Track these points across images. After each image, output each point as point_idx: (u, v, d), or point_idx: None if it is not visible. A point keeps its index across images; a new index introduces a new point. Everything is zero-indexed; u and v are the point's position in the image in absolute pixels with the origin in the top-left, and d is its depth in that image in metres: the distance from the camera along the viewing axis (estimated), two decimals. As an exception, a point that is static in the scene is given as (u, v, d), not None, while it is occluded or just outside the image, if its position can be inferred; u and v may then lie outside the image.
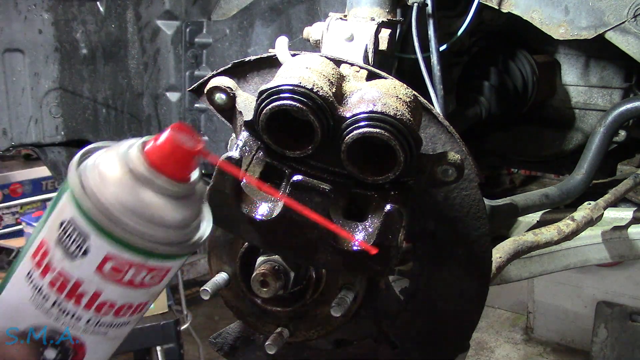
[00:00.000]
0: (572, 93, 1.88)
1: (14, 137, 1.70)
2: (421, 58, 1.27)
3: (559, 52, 1.86)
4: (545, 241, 1.29)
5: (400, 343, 1.00)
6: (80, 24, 1.71)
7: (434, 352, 1.00)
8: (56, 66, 1.71)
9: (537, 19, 1.39)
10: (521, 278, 1.59)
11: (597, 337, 3.78)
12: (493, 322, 4.30)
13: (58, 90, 1.73)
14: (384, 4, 1.24)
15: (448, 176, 0.84)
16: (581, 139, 1.88)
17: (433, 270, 0.97)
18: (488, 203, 1.35)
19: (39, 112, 1.72)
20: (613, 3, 1.33)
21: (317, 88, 0.79)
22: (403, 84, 0.86)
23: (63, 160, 1.80)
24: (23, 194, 3.71)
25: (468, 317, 0.99)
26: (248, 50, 1.74)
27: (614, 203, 1.47)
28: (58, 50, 1.70)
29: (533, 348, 4.12)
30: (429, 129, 0.93)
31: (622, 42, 1.33)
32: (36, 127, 1.72)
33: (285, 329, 0.96)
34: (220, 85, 0.92)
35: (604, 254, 1.55)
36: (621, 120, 1.55)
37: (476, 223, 0.94)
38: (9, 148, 1.72)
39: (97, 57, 1.75)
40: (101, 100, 1.79)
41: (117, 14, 1.74)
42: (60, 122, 1.75)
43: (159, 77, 1.82)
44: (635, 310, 3.71)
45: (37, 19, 1.66)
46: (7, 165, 3.79)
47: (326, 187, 0.79)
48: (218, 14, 1.80)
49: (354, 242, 0.78)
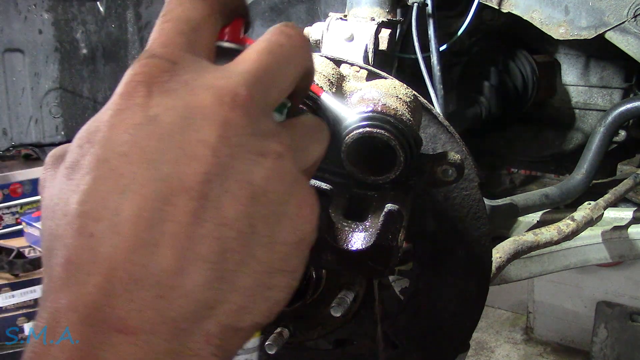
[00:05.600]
0: (572, 93, 1.88)
1: (14, 137, 1.70)
2: (421, 58, 1.27)
3: (559, 52, 1.86)
4: (545, 241, 1.28)
5: (400, 343, 1.00)
6: (80, 24, 1.71)
7: (434, 352, 1.00)
8: (56, 66, 1.71)
9: (537, 19, 1.39)
10: (521, 278, 1.59)
11: (597, 337, 3.78)
12: (493, 322, 4.30)
13: (58, 90, 1.73)
14: (384, 4, 1.24)
15: (448, 176, 0.84)
16: (581, 139, 1.88)
17: (433, 270, 0.97)
18: (488, 203, 1.35)
19: (39, 112, 1.72)
20: (613, 3, 1.33)
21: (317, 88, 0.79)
22: (403, 84, 0.86)
23: (63, 160, 1.80)
24: (23, 194, 3.70)
25: (468, 317, 0.99)
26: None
27: (614, 203, 1.47)
28: (58, 50, 1.70)
29: (533, 348, 4.11)
30: (429, 129, 0.93)
31: (622, 42, 1.34)
32: (36, 127, 1.72)
33: (285, 329, 0.96)
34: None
35: (604, 254, 1.55)
36: (621, 120, 1.55)
37: (476, 223, 0.94)
38: (9, 148, 1.72)
39: (97, 57, 1.75)
40: (101, 100, 1.79)
41: (117, 14, 1.74)
42: (60, 122, 1.75)
43: (159, 77, 1.82)
44: (635, 310, 3.71)
45: (37, 19, 1.65)
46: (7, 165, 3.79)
47: (326, 187, 0.79)
48: (218, 14, 1.80)
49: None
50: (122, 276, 0.37)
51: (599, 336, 3.77)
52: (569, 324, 4.06)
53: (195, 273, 0.38)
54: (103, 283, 0.37)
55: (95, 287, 0.37)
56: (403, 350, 1.00)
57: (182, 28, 0.44)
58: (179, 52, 0.43)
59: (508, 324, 4.31)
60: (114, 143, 0.40)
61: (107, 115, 0.41)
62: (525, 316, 4.26)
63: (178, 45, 0.43)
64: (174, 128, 0.39)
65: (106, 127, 0.40)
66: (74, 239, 0.38)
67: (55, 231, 0.40)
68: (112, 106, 0.42)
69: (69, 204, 0.39)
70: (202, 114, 0.40)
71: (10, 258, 3.03)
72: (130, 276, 0.37)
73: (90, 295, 0.37)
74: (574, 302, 4.01)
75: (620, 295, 3.81)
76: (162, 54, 0.42)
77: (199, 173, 0.39)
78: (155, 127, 0.40)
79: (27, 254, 3.19)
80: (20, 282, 3.02)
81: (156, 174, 0.38)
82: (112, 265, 0.37)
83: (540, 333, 4.17)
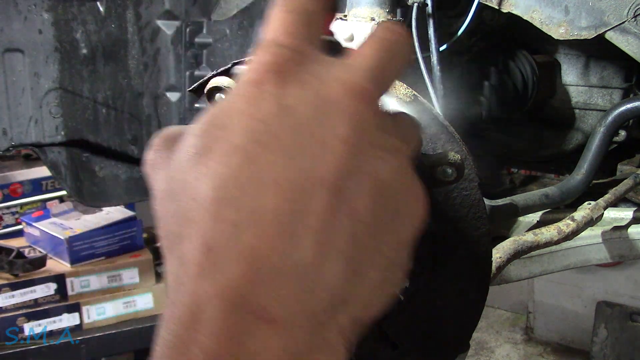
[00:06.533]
0: (572, 93, 1.88)
1: (14, 137, 1.70)
2: (421, 58, 1.27)
3: (559, 52, 1.86)
4: (545, 241, 1.28)
5: (400, 343, 1.00)
6: (80, 24, 1.71)
7: (434, 352, 1.00)
8: (56, 66, 1.71)
9: (537, 19, 1.39)
10: (521, 278, 1.58)
11: (597, 337, 3.77)
12: (493, 322, 4.30)
13: (58, 90, 1.72)
14: (384, 4, 1.24)
15: (448, 176, 0.84)
16: (581, 139, 1.87)
17: (433, 270, 0.97)
18: (488, 203, 1.35)
19: (39, 112, 1.71)
20: (613, 3, 1.33)
21: (317, 88, 0.79)
22: (403, 84, 0.86)
23: (63, 160, 1.80)
24: (23, 194, 3.70)
25: (468, 317, 0.99)
26: (248, 50, 1.74)
27: (614, 203, 1.47)
28: (58, 50, 1.70)
29: (533, 348, 4.11)
30: (429, 129, 0.93)
31: (622, 42, 1.33)
32: (36, 127, 1.72)
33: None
34: (220, 85, 0.92)
35: (604, 254, 1.55)
36: (621, 120, 1.55)
37: (476, 223, 0.94)
38: (9, 148, 1.72)
39: (97, 57, 1.75)
40: (101, 100, 1.79)
41: (117, 14, 1.73)
42: (60, 122, 1.75)
43: (159, 77, 1.82)
44: (635, 310, 3.71)
45: (37, 19, 1.65)
46: (7, 165, 3.78)
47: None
48: (218, 14, 1.80)
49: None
50: (266, 266, 0.37)
51: (599, 336, 3.77)
52: (569, 324, 4.06)
53: (334, 266, 0.39)
54: (248, 272, 0.37)
55: (240, 275, 0.37)
56: (403, 350, 1.00)
57: (304, 20, 0.45)
58: (305, 44, 0.43)
59: (508, 324, 4.31)
60: (249, 131, 0.39)
61: (238, 102, 0.41)
62: (525, 316, 4.26)
63: (302, 36, 0.44)
64: (309, 120, 0.40)
65: (239, 114, 0.40)
66: (213, 225, 0.38)
67: (185, 215, 0.39)
68: (242, 92, 0.41)
69: (200, 189, 0.39)
70: (336, 107, 0.41)
71: (10, 258, 3.03)
72: (275, 266, 0.37)
73: (235, 283, 0.37)
74: (574, 302, 4.01)
75: (620, 295, 3.81)
76: (290, 45, 0.43)
77: (336, 167, 0.39)
78: (291, 118, 0.40)
79: (27, 254, 3.19)
80: (20, 282, 3.01)
81: (295, 165, 0.38)
82: (257, 255, 0.37)
83: (540, 333, 4.17)
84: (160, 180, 0.44)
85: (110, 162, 1.87)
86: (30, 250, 3.27)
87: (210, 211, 0.38)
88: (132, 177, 1.91)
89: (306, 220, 0.38)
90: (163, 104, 1.84)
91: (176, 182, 0.41)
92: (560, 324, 4.08)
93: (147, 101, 1.83)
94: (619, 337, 3.72)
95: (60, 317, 3.06)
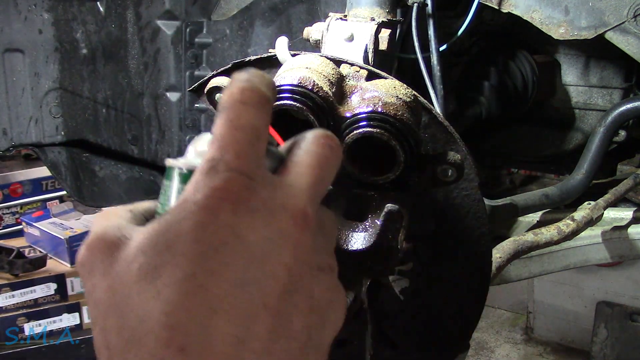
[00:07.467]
0: (572, 93, 1.88)
1: (14, 137, 1.70)
2: (421, 58, 1.27)
3: (559, 52, 1.86)
4: (545, 241, 1.29)
5: (400, 343, 1.00)
6: (80, 24, 1.71)
7: (434, 352, 1.00)
8: (56, 66, 1.71)
9: (537, 19, 1.39)
10: (521, 278, 1.59)
11: (597, 337, 3.77)
12: (493, 322, 4.30)
13: (58, 90, 1.73)
14: (384, 4, 1.24)
15: (448, 176, 0.84)
16: (581, 139, 1.88)
17: (433, 270, 0.97)
18: (488, 203, 1.35)
19: (39, 112, 1.71)
20: (613, 3, 1.33)
21: (317, 88, 0.79)
22: (403, 84, 0.86)
23: (63, 161, 1.80)
24: (23, 194, 3.70)
25: (468, 317, 0.99)
26: (248, 50, 1.74)
27: (614, 203, 1.47)
28: (58, 50, 1.70)
29: (533, 348, 4.11)
30: (429, 129, 0.93)
31: (622, 42, 1.33)
32: (36, 127, 1.72)
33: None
34: (221, 85, 0.92)
35: (604, 254, 1.55)
36: (621, 120, 1.55)
37: (476, 223, 0.94)
38: (9, 148, 1.72)
39: (97, 57, 1.75)
40: (101, 100, 1.79)
41: (117, 14, 1.73)
42: (60, 122, 1.75)
43: (159, 77, 1.82)
44: (635, 310, 3.71)
45: (37, 19, 1.65)
46: (7, 165, 3.78)
47: (326, 187, 0.79)
48: (218, 14, 1.80)
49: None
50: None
51: (599, 336, 3.77)
52: (569, 324, 4.06)
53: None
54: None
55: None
56: (403, 350, 1.00)
57: (250, 138, 0.46)
58: (253, 166, 0.45)
59: (508, 324, 4.31)
60: (201, 258, 0.41)
61: (189, 227, 0.42)
62: (525, 316, 4.26)
63: (250, 157, 0.45)
64: (258, 248, 0.43)
65: (191, 241, 0.42)
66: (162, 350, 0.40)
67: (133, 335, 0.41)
68: (193, 218, 0.43)
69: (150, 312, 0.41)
70: (282, 235, 0.44)
71: (10, 258, 3.03)
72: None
73: None
74: (574, 302, 4.00)
75: (620, 295, 3.81)
76: (239, 168, 0.44)
77: (278, 292, 0.43)
78: (243, 246, 0.42)
79: (27, 254, 3.19)
80: (20, 282, 3.02)
81: (242, 293, 0.41)
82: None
83: (540, 333, 4.17)
84: (99, 289, 0.45)
85: (110, 162, 1.87)
86: (31, 250, 3.28)
87: (161, 336, 0.40)
88: (132, 177, 1.91)
89: (251, 345, 0.41)
90: (163, 104, 1.84)
91: (120, 296, 0.43)
92: (560, 324, 4.07)
93: (147, 101, 1.83)
94: (619, 337, 3.72)
95: (60, 317, 3.06)
